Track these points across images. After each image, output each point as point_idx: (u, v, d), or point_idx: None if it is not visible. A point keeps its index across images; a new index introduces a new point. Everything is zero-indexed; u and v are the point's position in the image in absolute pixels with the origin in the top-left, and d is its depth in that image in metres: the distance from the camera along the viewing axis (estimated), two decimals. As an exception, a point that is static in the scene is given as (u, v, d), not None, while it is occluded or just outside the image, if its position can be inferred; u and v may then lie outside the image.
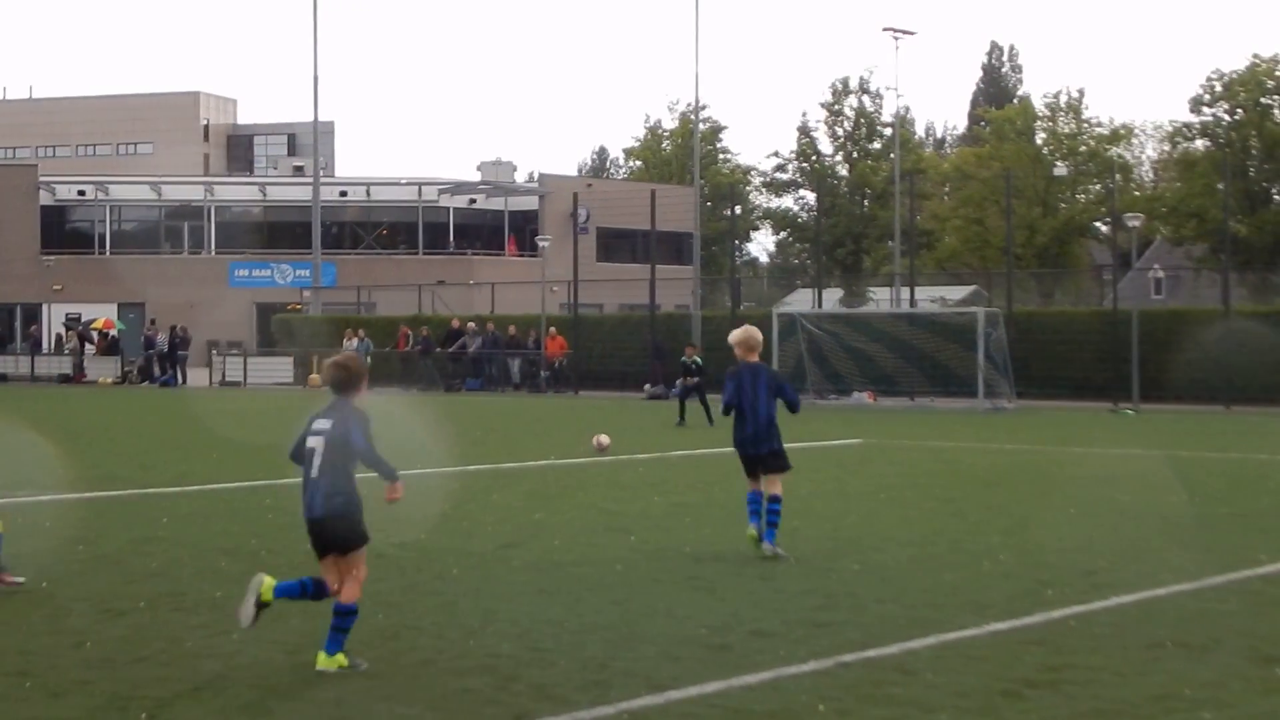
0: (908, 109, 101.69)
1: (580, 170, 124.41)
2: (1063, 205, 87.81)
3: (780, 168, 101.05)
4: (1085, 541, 15.22)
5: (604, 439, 26.22)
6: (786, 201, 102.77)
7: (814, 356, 44.54)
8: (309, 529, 9.84)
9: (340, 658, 9.51)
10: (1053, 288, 75.72)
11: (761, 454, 14.32)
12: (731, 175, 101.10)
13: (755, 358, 14.50)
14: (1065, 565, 13.62)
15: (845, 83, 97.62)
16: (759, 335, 14.89)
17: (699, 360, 34.36)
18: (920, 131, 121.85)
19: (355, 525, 9.85)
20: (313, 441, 9.72)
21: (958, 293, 76.43)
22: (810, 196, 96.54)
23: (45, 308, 78.06)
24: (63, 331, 71.46)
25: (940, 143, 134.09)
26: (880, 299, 71.84)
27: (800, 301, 63.62)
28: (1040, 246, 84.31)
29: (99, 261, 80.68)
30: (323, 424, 9.75)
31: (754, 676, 9.35)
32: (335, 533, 9.80)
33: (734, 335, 14.75)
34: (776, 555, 13.78)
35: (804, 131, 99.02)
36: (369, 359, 56.39)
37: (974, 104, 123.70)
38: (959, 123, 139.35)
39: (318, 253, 66.90)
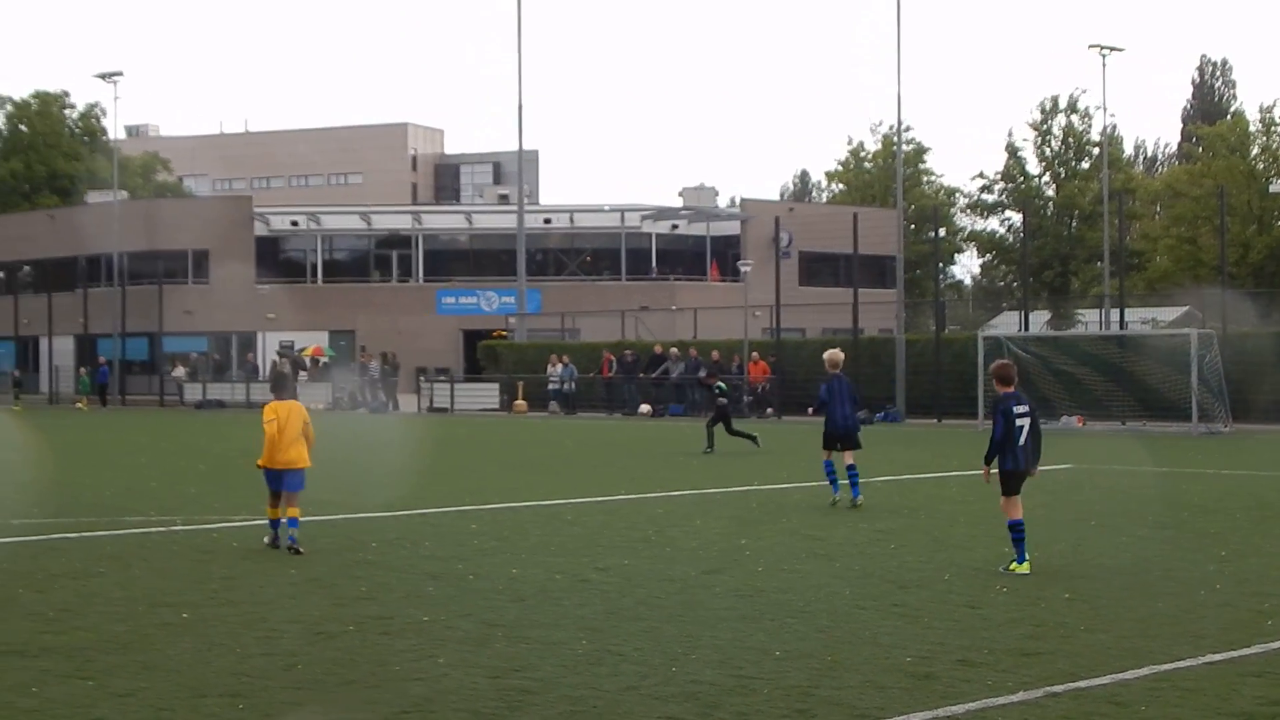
0: (1115, 127, 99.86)
1: (782, 194, 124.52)
2: (1278, 222, 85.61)
3: (986, 189, 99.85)
4: (1306, 570, 14.76)
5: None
6: (992, 223, 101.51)
7: (1021, 380, 43.86)
8: (1020, 477, 14.57)
9: (1027, 566, 14.32)
10: (1269, 308, 73.75)
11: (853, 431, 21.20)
12: (935, 197, 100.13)
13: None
14: (1285, 594, 13.23)
15: (1054, 101, 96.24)
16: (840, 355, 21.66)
17: (723, 386, 34.36)
18: (1129, 150, 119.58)
19: None
20: (1022, 421, 14.55)
21: (1169, 314, 74.92)
22: (1016, 218, 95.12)
23: (260, 335, 79.89)
24: (276, 358, 73.06)
25: (1150, 161, 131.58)
26: (1089, 321, 70.61)
27: (1006, 324, 62.83)
28: (1255, 265, 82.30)
29: (311, 290, 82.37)
30: (1023, 409, 14.68)
31: (960, 707, 9.21)
32: (1029, 478, 14.71)
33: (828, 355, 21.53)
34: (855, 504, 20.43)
35: (1011, 152, 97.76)
36: (574, 385, 57.03)
37: (1184, 120, 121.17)
38: (1170, 140, 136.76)
39: (522, 279, 67.61)
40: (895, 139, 63.02)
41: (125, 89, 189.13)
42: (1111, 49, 70.59)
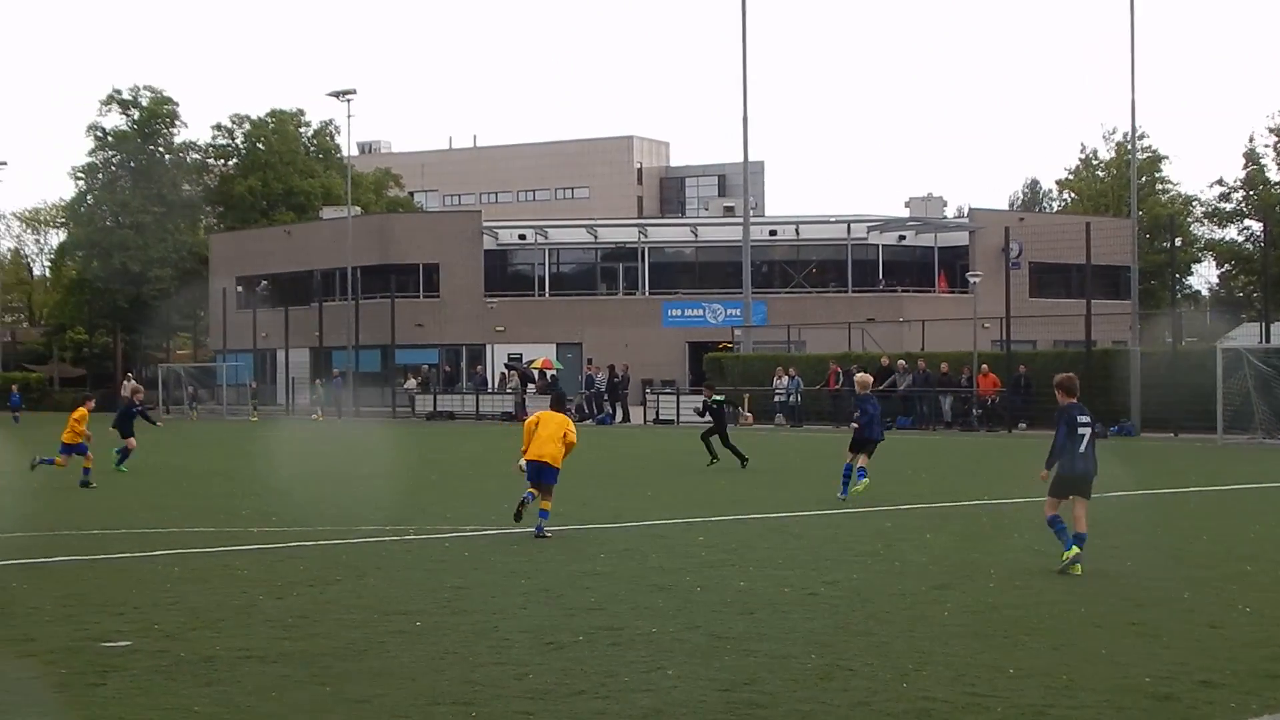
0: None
1: (1011, 204, 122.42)
2: None
3: (1224, 196, 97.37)
4: None
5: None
6: (1230, 232, 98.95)
7: (1261, 393, 42.63)
8: (1075, 482, 15.48)
9: (1075, 550, 15.21)
10: None
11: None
12: (1170, 206, 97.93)
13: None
14: None
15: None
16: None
17: (719, 399, 33.60)
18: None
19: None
20: (1083, 430, 15.38)
21: None
22: (1256, 226, 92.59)
23: (489, 348, 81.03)
24: (505, 371, 74.03)
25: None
26: (1333, 332, 68.30)
27: (1246, 336, 61.09)
28: None
29: (538, 303, 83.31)
30: (1085, 419, 15.49)
31: (1203, 729, 8.95)
32: (1090, 484, 15.62)
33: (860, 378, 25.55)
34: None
35: (1250, 158, 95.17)
36: (800, 397, 56.83)
37: None
38: None
39: (748, 292, 67.58)
40: (1129, 146, 61.61)
41: (358, 107, 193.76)
42: (1356, 51, 68.25)
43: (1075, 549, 15.22)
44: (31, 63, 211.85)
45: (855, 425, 24.38)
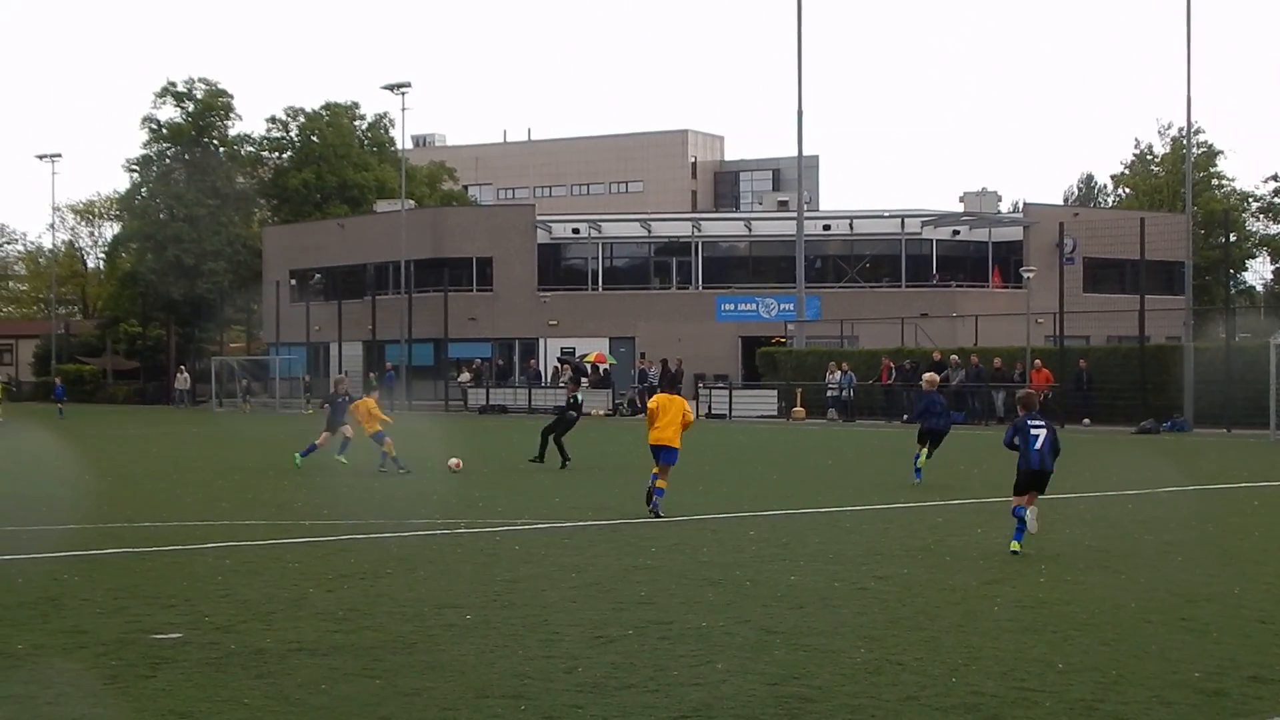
0: None
1: (1066, 199, 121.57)
2: None
3: (1279, 192, 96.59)
4: None
5: (455, 461, 28.80)
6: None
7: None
8: (1034, 477, 16.61)
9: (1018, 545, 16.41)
10: None
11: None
12: (1226, 201, 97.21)
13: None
14: None
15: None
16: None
17: (578, 397, 32.59)
18: None
19: None
20: (1036, 431, 16.67)
21: None
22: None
23: (542, 342, 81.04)
24: (558, 365, 74.08)
25: None
26: (1392, 328, 67.71)
27: (1301, 332, 60.60)
28: None
29: (592, 297, 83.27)
30: (1037, 422, 16.78)
31: (1253, 726, 8.92)
32: (1047, 479, 16.82)
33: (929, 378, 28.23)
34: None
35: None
36: (852, 392, 56.72)
37: None
38: None
39: (801, 286, 67.44)
40: (1185, 141, 61.23)
41: (412, 100, 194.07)
42: None
43: (1019, 543, 16.50)
44: (86, 55, 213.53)
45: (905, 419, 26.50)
